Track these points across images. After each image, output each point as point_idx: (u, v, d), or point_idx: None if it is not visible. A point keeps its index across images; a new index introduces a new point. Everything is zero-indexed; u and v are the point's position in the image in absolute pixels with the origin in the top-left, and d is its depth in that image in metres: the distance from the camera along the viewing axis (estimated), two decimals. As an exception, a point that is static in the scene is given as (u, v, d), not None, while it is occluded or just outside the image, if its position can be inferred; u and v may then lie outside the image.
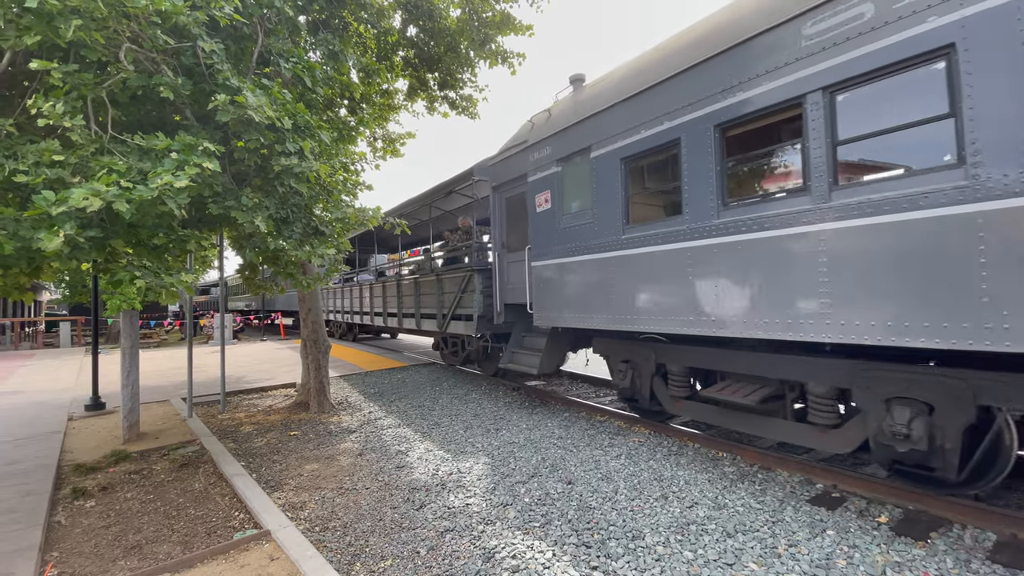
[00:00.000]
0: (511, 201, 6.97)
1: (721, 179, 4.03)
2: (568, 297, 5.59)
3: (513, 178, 6.64)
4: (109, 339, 18.10)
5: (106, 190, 2.81)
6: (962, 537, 3.02)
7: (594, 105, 5.24)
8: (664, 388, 5.05)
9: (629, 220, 4.88)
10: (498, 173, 7.03)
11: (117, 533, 3.46)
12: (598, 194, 5.12)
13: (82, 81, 3.05)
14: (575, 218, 5.49)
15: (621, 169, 4.88)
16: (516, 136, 6.71)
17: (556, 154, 5.70)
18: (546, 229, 5.89)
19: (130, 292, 3.30)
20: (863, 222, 3.15)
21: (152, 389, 8.35)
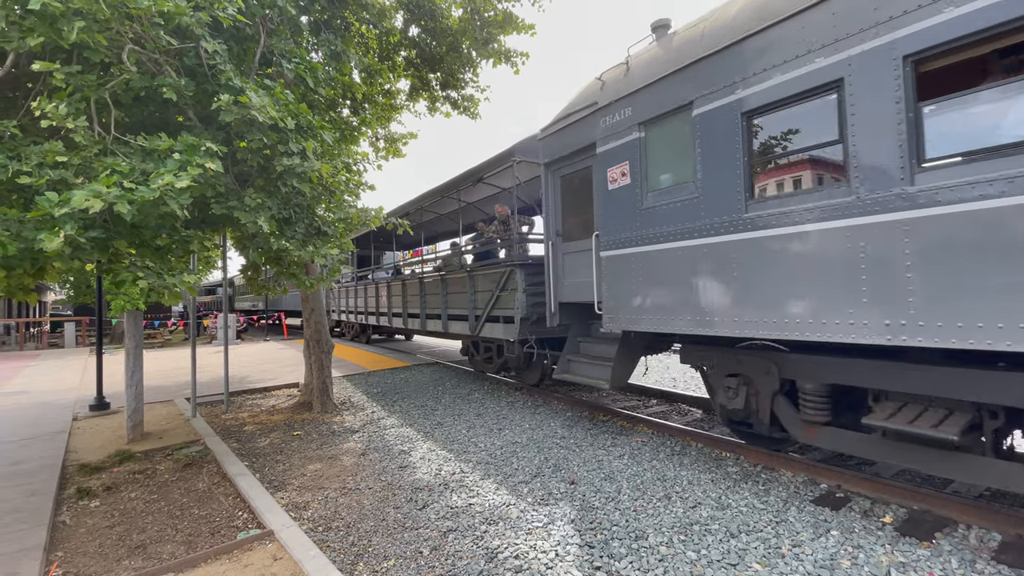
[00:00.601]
0: (569, 180, 5.90)
1: (915, 130, 2.97)
2: (654, 294, 4.51)
3: (574, 151, 5.53)
4: (113, 339, 18.17)
5: (107, 191, 2.81)
6: (967, 537, 3.00)
7: (699, 48, 4.12)
8: (791, 410, 3.94)
9: (754, 194, 3.77)
10: (552, 147, 5.88)
11: (121, 533, 3.47)
12: (704, 162, 4.03)
13: (85, 82, 3.06)
14: (666, 195, 4.39)
15: (742, 127, 3.78)
16: (578, 100, 5.52)
17: (639, 116, 4.61)
18: (622, 210, 4.81)
19: (133, 293, 3.31)
20: None
21: (156, 389, 8.38)
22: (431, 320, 9.51)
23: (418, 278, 9.88)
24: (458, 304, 8.40)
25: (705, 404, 6.22)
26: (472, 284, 7.87)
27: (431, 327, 9.57)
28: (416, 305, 10.00)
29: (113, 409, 6.98)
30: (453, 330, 8.68)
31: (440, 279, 9.02)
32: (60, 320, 21.51)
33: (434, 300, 9.30)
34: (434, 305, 9.32)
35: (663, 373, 8.61)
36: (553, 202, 6.14)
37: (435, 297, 9.22)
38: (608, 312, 5.04)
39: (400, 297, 10.79)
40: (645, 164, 4.65)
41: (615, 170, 4.92)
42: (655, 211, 4.51)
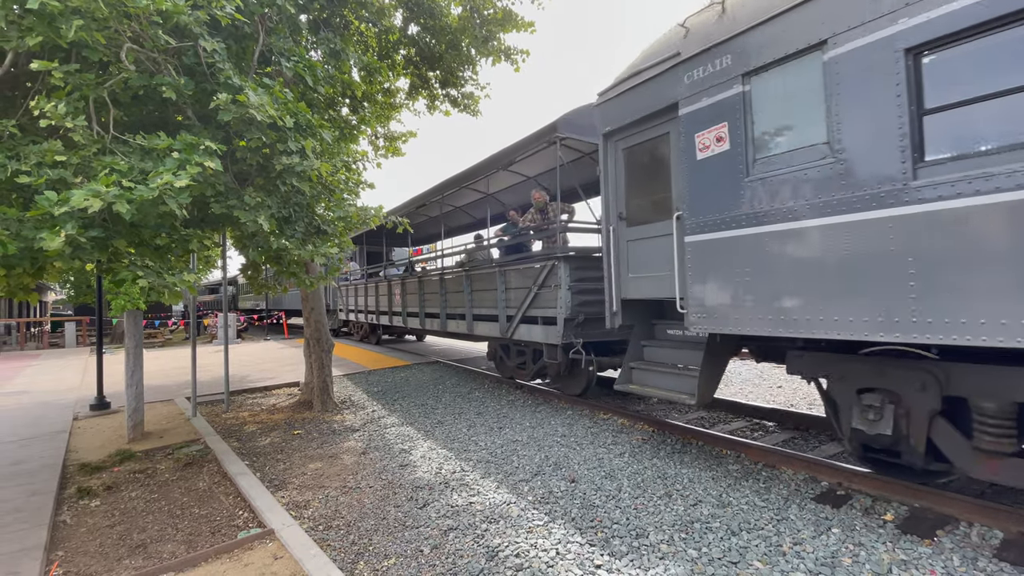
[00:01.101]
0: (636, 152, 4.94)
1: None
2: (765, 287, 3.62)
3: (644, 116, 4.64)
4: (114, 339, 18.19)
5: (106, 191, 2.81)
6: (969, 535, 3.00)
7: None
8: (957, 437, 3.18)
9: (924, 154, 2.91)
10: (613, 113, 4.98)
11: (122, 532, 3.47)
12: (844, 118, 3.22)
13: (84, 81, 3.06)
14: (784, 162, 3.54)
15: (904, 68, 2.94)
16: (651, 53, 4.63)
17: (742, 65, 3.79)
18: (717, 184, 3.95)
19: (134, 292, 3.31)
20: None
21: (156, 389, 8.39)
22: (453, 320, 8.74)
23: (438, 275, 9.12)
24: (486, 303, 7.63)
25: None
26: (504, 280, 7.08)
27: (452, 328, 8.78)
28: (435, 304, 9.31)
29: (114, 409, 6.98)
30: (479, 331, 7.91)
31: (464, 275, 8.22)
32: (61, 320, 21.52)
33: (456, 298, 8.51)
34: (456, 304, 8.54)
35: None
36: (614, 180, 5.16)
37: (457, 295, 8.44)
38: (695, 310, 4.13)
39: (416, 295, 10.06)
40: (751, 125, 3.77)
41: (707, 135, 4.04)
42: (767, 183, 3.62)
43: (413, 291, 10.28)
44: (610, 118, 5.08)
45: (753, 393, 6.89)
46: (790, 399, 6.48)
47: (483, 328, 7.83)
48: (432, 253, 10.55)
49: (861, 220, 3.14)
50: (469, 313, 8.09)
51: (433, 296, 9.43)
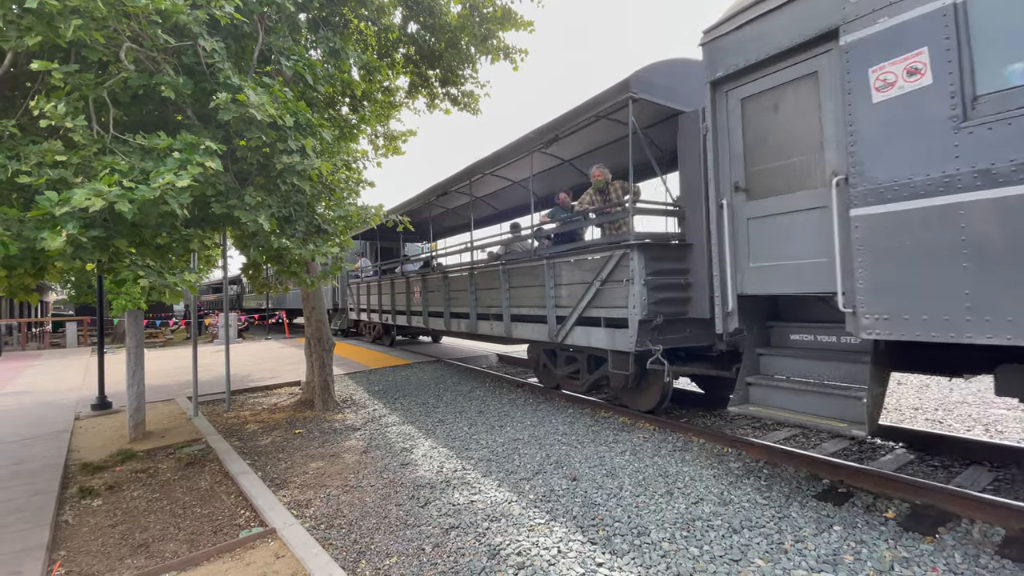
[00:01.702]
0: (763, 102, 3.89)
1: None
2: (1007, 273, 2.60)
3: (778, 52, 3.66)
4: (115, 339, 18.21)
5: (108, 190, 2.81)
6: (970, 532, 3.00)
7: None
8: None
9: None
10: (728, 53, 4.00)
11: (124, 532, 3.48)
12: None
13: (83, 81, 3.05)
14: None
15: None
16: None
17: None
18: (910, 133, 2.95)
19: (135, 292, 3.31)
20: None
21: (158, 388, 8.40)
22: (486, 322, 7.71)
23: (466, 269, 8.13)
24: (528, 301, 6.60)
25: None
26: (553, 275, 6.05)
27: (485, 330, 7.74)
28: (463, 303, 8.26)
29: (115, 408, 6.99)
30: (519, 335, 6.86)
31: (500, 270, 7.10)
32: (62, 320, 21.54)
33: (490, 296, 7.46)
34: (490, 302, 7.50)
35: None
36: (726, 141, 4.14)
37: (491, 293, 7.41)
38: (870, 308, 3.14)
39: (440, 293, 9.06)
40: (969, 49, 2.76)
41: (890, 68, 3.05)
42: (1002, 128, 2.62)
43: (436, 288, 9.29)
44: (723, 61, 4.04)
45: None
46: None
47: (524, 331, 6.78)
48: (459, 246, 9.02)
49: None
50: (507, 313, 7.06)
51: (461, 294, 8.43)
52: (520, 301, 6.82)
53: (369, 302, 13.40)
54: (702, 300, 4.91)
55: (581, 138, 6.52)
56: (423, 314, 9.96)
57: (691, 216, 5.03)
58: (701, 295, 4.93)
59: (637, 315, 4.87)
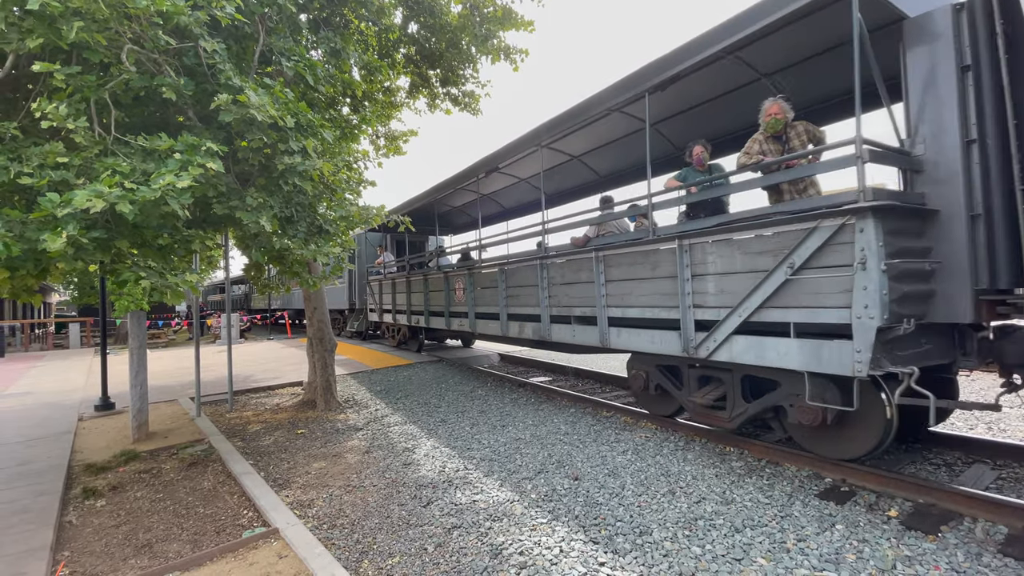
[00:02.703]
0: None
1: None
2: None
3: None
4: (118, 340, 18.25)
5: (109, 191, 2.82)
6: (973, 530, 2.99)
7: None
8: None
9: None
10: None
11: (127, 532, 3.49)
12: None
13: (85, 83, 3.06)
14: None
15: None
16: None
17: None
18: None
19: (137, 293, 3.32)
20: None
21: (160, 389, 8.42)
22: (563, 326, 6.02)
23: (535, 259, 6.40)
24: (639, 299, 4.92)
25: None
26: (690, 261, 4.38)
27: (563, 336, 6.04)
28: (527, 301, 6.59)
29: (118, 409, 7.01)
30: (622, 343, 5.18)
31: (594, 258, 5.38)
32: (64, 321, 21.60)
33: (576, 292, 5.75)
34: (575, 300, 5.77)
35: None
36: None
37: (572, 289, 5.81)
38: None
39: (493, 290, 7.37)
40: None
41: None
42: None
43: (488, 284, 7.59)
44: None
45: (756, 390, 6.88)
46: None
47: (632, 339, 5.03)
48: (523, 229, 7.06)
49: None
50: (602, 315, 5.33)
51: (522, 292, 6.71)
52: (624, 299, 5.10)
53: (394, 301, 11.68)
54: (955, 294, 3.34)
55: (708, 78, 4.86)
56: (469, 316, 8.16)
57: (937, 168, 3.41)
58: (954, 287, 3.34)
59: (873, 319, 3.17)
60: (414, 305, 10.53)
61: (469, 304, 8.13)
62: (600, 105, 5.28)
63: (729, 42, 4.02)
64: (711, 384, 4.68)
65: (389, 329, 13.23)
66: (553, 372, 9.18)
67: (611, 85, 5.15)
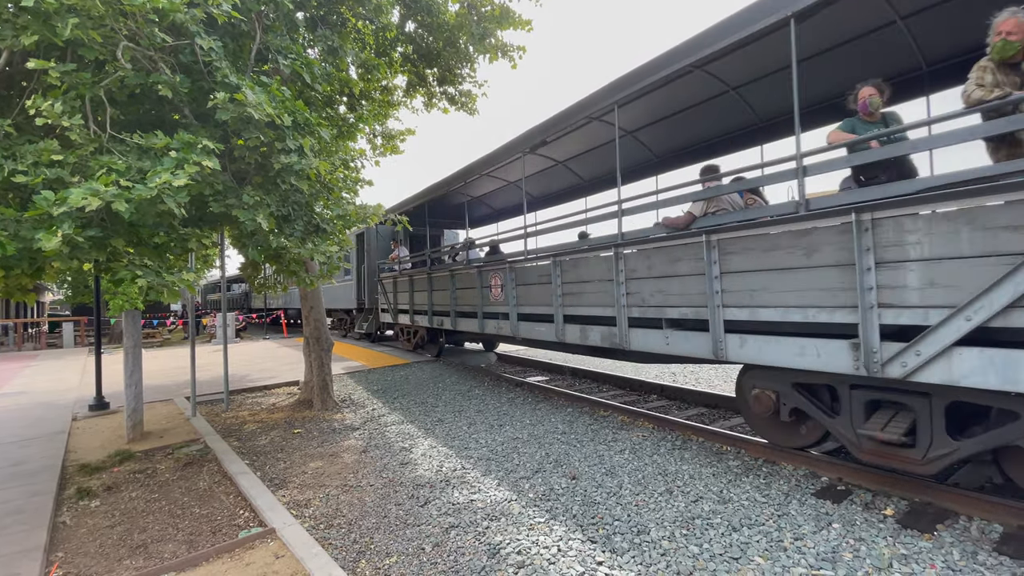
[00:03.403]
0: None
1: None
2: None
3: None
4: (112, 339, 18.15)
5: (105, 190, 2.80)
6: (968, 529, 3.01)
7: None
8: None
9: None
10: None
11: (122, 533, 3.47)
12: None
13: (80, 80, 3.04)
14: None
15: None
16: None
17: None
18: None
19: (132, 292, 3.30)
20: None
21: (155, 388, 8.37)
22: (652, 331, 4.74)
23: (612, 247, 5.06)
24: (782, 296, 3.71)
25: (708, 400, 6.22)
26: (872, 243, 3.21)
27: (645, 344, 4.79)
28: (593, 299, 5.40)
29: (112, 409, 6.96)
30: (744, 355, 3.96)
31: (705, 244, 4.17)
32: (58, 320, 21.46)
33: (672, 288, 4.49)
34: (670, 298, 4.52)
35: (663, 368, 8.62)
36: None
37: (674, 282, 4.48)
38: None
39: (544, 286, 6.15)
40: None
41: None
42: None
43: (538, 279, 6.32)
44: None
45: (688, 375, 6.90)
46: (789, 395, 6.49)
47: (765, 350, 3.80)
48: (600, 209, 5.61)
49: None
50: (716, 318, 4.09)
51: (586, 289, 5.51)
52: (754, 296, 3.88)
53: (412, 300, 10.36)
54: None
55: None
56: (509, 317, 6.90)
57: None
58: None
59: None
60: (437, 305, 9.30)
61: (510, 303, 6.87)
62: (674, 63, 4.49)
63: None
64: (885, 412, 3.48)
65: (404, 331, 11.98)
66: (550, 371, 9.19)
67: (684, 42, 4.46)
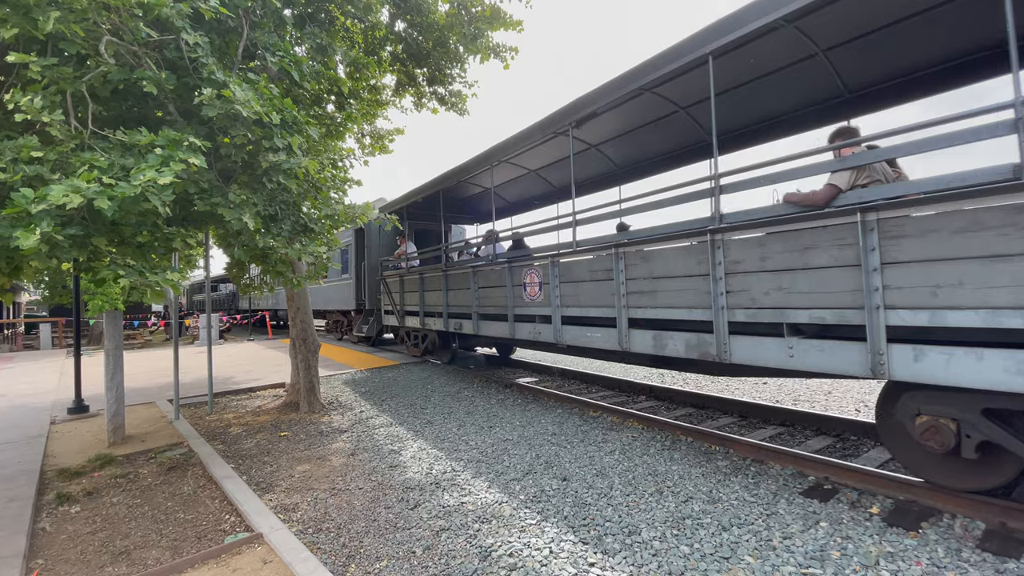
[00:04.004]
0: None
1: None
2: None
3: None
4: (91, 340, 17.75)
5: (87, 187, 2.73)
6: (952, 526, 3.06)
7: None
8: None
9: None
10: None
11: (104, 539, 3.38)
12: None
13: (61, 75, 2.96)
14: None
15: None
16: None
17: None
18: None
19: (113, 292, 3.23)
20: None
21: (137, 391, 8.20)
22: (767, 339, 3.76)
23: (706, 231, 4.09)
24: (993, 295, 2.66)
25: (696, 400, 6.27)
26: None
27: (755, 356, 3.84)
28: (669, 299, 4.43)
29: (92, 412, 6.80)
30: (923, 374, 2.95)
31: (860, 225, 3.19)
32: (35, 321, 20.93)
33: (799, 284, 3.54)
34: (794, 298, 3.57)
35: (650, 369, 8.67)
36: None
37: (800, 277, 3.53)
38: None
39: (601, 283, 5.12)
40: None
41: None
42: None
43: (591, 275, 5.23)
44: None
45: (740, 389, 6.97)
46: (775, 395, 6.57)
47: (958, 368, 2.80)
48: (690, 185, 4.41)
49: None
50: (875, 324, 3.15)
51: (659, 286, 4.53)
52: (939, 296, 2.89)
53: (423, 301, 9.34)
54: None
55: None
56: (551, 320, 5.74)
57: None
58: None
59: None
60: (454, 306, 8.26)
61: (552, 304, 5.70)
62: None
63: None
64: None
65: (410, 335, 10.84)
66: (539, 373, 9.19)
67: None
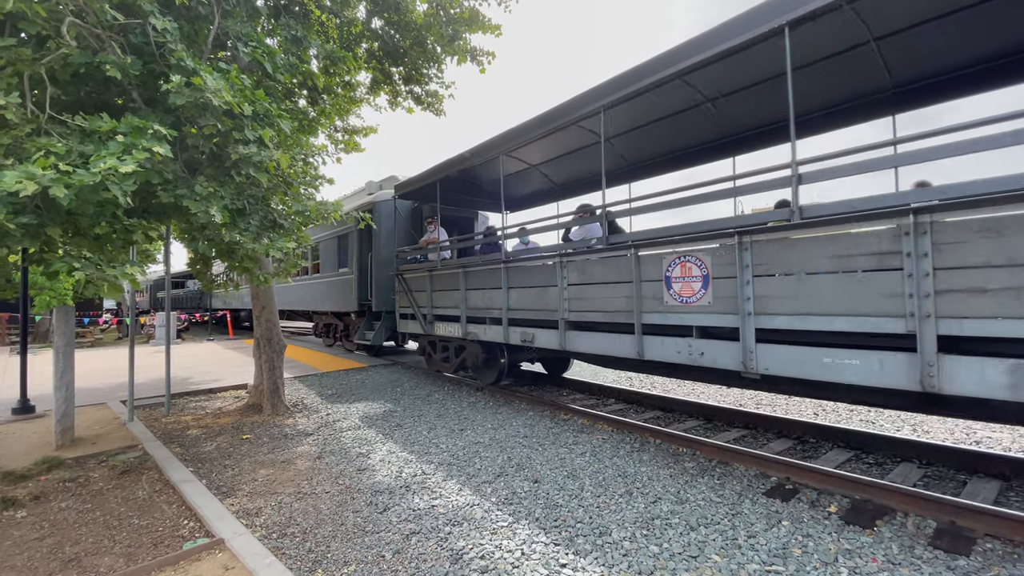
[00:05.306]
0: None
1: None
2: None
3: None
4: (36, 338, 16.78)
5: (42, 174, 2.59)
6: (905, 524, 3.20)
7: None
8: None
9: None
10: None
11: (52, 545, 3.19)
12: None
13: (19, 56, 2.81)
14: None
15: None
16: None
17: None
18: None
19: (63, 287, 3.07)
20: None
21: (88, 391, 7.78)
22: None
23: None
24: None
25: (664, 403, 6.38)
26: None
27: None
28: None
29: (39, 413, 6.42)
30: None
31: None
32: (-26, 317, 19.63)
33: None
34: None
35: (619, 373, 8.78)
36: None
37: None
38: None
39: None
40: None
41: None
42: None
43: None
44: None
45: (705, 393, 7.14)
46: (739, 399, 6.75)
47: None
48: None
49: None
50: None
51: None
52: None
53: (466, 302, 7.14)
54: None
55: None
56: (742, 337, 3.84)
57: None
58: None
59: None
60: (519, 309, 6.19)
61: (739, 309, 3.88)
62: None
63: None
64: None
65: (437, 346, 8.38)
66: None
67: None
